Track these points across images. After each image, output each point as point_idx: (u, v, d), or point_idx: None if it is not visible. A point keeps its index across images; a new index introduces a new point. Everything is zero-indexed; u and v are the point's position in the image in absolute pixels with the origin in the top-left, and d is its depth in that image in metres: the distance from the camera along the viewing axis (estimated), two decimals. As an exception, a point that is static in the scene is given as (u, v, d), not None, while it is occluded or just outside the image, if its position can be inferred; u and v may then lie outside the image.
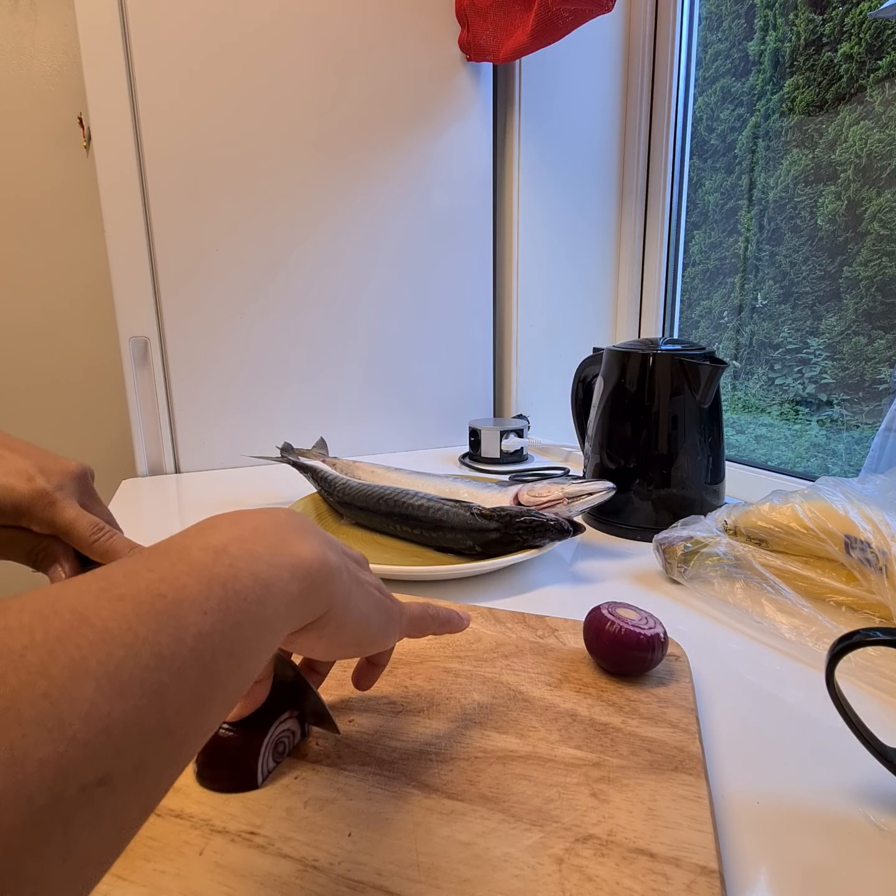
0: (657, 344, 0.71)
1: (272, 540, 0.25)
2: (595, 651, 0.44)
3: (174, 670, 0.19)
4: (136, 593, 0.19)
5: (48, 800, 0.15)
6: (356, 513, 0.73)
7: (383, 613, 0.31)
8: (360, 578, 0.30)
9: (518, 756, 0.36)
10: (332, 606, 0.27)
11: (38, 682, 0.15)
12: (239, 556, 0.23)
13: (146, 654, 0.18)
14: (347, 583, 0.28)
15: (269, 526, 0.26)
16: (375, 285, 1.07)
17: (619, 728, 0.38)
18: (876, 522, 0.50)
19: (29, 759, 0.14)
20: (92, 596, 0.19)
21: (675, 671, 0.44)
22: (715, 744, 0.39)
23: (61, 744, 0.15)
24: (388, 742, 0.37)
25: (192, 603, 0.20)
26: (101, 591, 0.19)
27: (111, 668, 0.17)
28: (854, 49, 0.91)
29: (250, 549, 0.24)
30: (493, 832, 0.30)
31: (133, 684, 0.17)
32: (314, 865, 0.28)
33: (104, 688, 0.17)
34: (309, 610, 0.26)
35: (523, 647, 0.47)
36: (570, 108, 1.12)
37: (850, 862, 0.30)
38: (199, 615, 0.20)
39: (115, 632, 0.18)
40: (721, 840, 0.31)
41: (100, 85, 0.89)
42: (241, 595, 0.22)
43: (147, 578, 0.20)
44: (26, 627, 0.17)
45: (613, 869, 0.28)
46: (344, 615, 0.28)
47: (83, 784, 0.15)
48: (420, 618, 0.35)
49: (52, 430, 1.30)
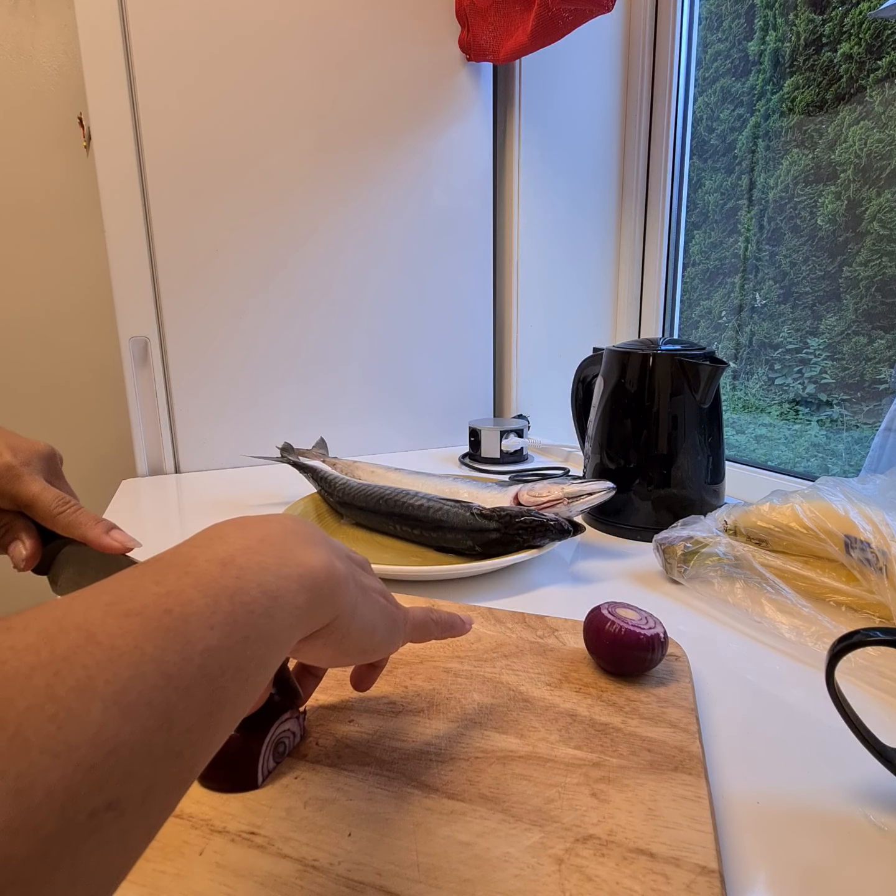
0: (657, 344, 0.71)
1: (280, 550, 0.25)
2: (595, 651, 0.44)
3: (182, 689, 0.18)
4: (142, 609, 0.19)
5: (56, 828, 0.14)
6: (356, 513, 0.73)
7: (388, 620, 0.31)
8: (365, 586, 0.30)
9: (518, 756, 0.36)
10: (339, 616, 0.27)
11: (45, 706, 0.15)
12: (247, 568, 0.23)
13: (154, 672, 0.18)
14: (354, 592, 0.28)
15: (277, 535, 0.26)
16: (375, 285, 1.07)
17: (619, 728, 0.38)
18: (876, 522, 0.50)
19: (37, 787, 0.14)
20: (99, 612, 0.18)
21: (675, 671, 0.44)
22: (715, 744, 0.39)
23: (69, 769, 0.15)
24: (388, 742, 0.37)
25: (199, 618, 0.20)
26: (108, 606, 0.19)
27: (118, 688, 0.17)
28: (854, 49, 0.91)
29: (258, 559, 0.23)
30: (493, 832, 0.30)
31: (141, 705, 0.17)
32: (314, 865, 0.28)
33: (112, 709, 0.16)
34: (316, 620, 0.25)
35: (523, 647, 0.47)
36: (570, 108, 1.12)
37: (850, 862, 0.30)
38: (207, 630, 0.20)
39: (123, 650, 0.17)
40: (721, 840, 0.31)
41: (100, 85, 0.89)
42: (248, 608, 0.21)
43: (154, 592, 0.20)
44: (32, 647, 0.16)
45: (613, 869, 0.28)
46: (350, 624, 0.28)
47: (92, 810, 0.15)
48: (423, 623, 0.35)
49: (52, 429, 1.30)
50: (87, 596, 0.19)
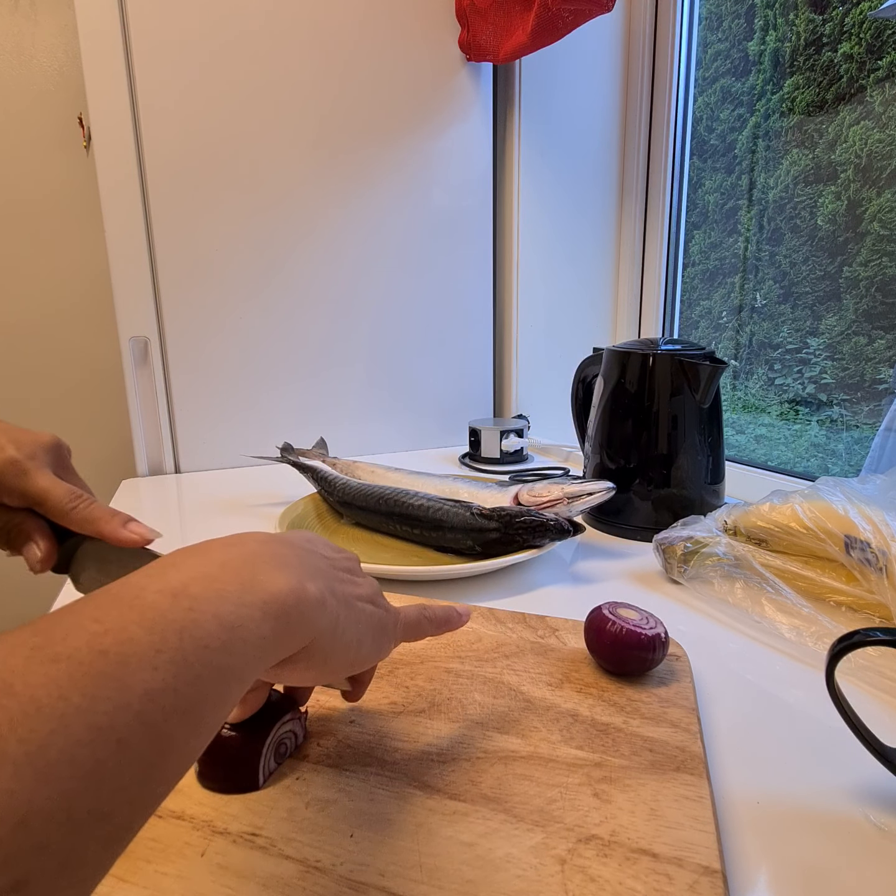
0: (657, 344, 0.71)
1: (243, 575, 0.23)
2: (596, 651, 0.44)
3: (114, 742, 0.16)
4: (73, 652, 0.17)
5: None
6: (356, 513, 0.73)
7: (377, 629, 0.30)
8: (349, 599, 0.28)
9: (520, 756, 0.36)
10: (318, 637, 0.25)
11: None
12: (202, 598, 0.21)
13: (79, 726, 0.16)
14: (333, 609, 0.26)
15: (240, 559, 0.24)
16: (375, 285, 1.07)
17: (621, 728, 0.38)
18: (876, 522, 0.51)
19: None
20: (21, 658, 0.16)
21: (675, 671, 0.44)
22: (715, 743, 0.39)
23: None
24: (390, 743, 0.37)
25: (140, 659, 0.18)
26: (34, 650, 0.17)
27: (33, 748, 0.15)
28: (854, 49, 0.91)
29: (217, 587, 0.22)
30: (495, 833, 0.30)
31: (61, 765, 0.15)
32: (316, 866, 0.28)
33: (24, 772, 0.14)
34: (285, 648, 0.24)
35: (524, 648, 0.47)
36: (570, 108, 1.12)
37: (850, 862, 0.30)
38: (149, 672, 0.18)
39: (43, 701, 0.15)
40: (722, 840, 0.31)
41: (100, 85, 0.89)
42: (201, 643, 0.20)
43: (90, 632, 0.18)
44: None
45: (616, 869, 0.28)
46: (332, 643, 0.26)
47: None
48: (416, 623, 0.34)
49: (52, 429, 1.29)
50: (14, 638, 0.17)
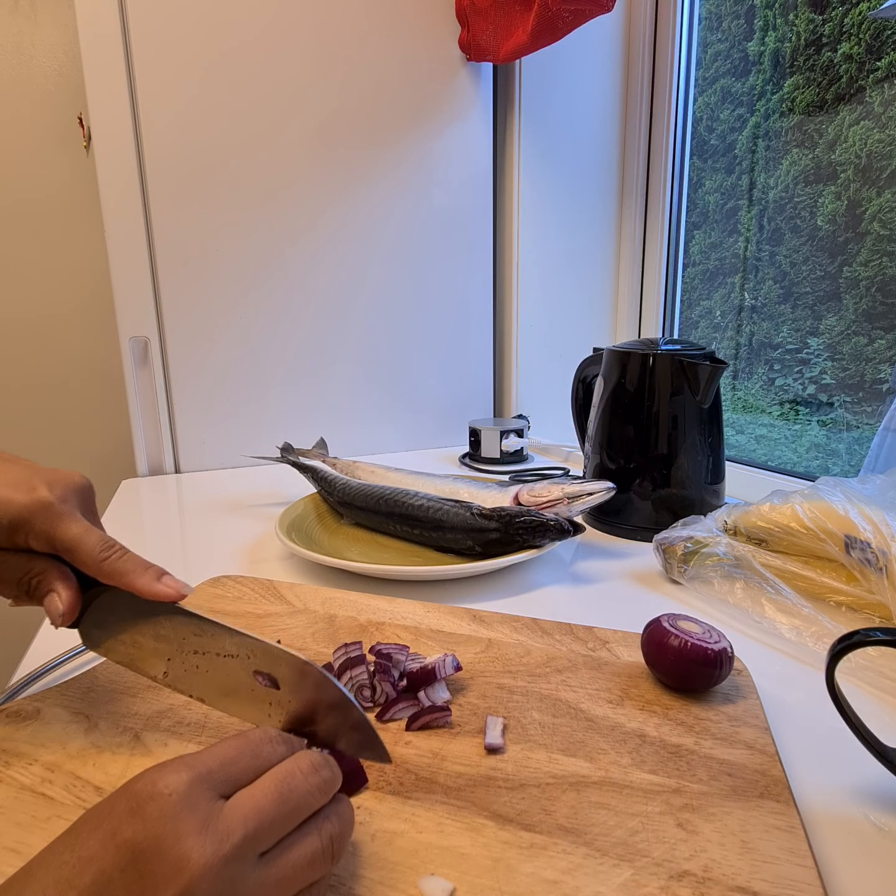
0: (657, 344, 0.71)
1: None
2: (656, 666, 0.42)
3: None
4: None
5: None
6: (356, 513, 0.73)
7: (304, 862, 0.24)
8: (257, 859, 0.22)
9: (591, 782, 0.33)
10: None
11: None
12: None
13: None
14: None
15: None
16: (375, 285, 1.07)
17: (693, 750, 0.36)
18: (876, 522, 0.50)
19: None
20: None
21: (740, 687, 0.41)
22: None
23: None
24: (451, 767, 0.34)
25: None
26: None
27: None
28: (854, 49, 0.91)
29: None
30: (579, 868, 0.28)
31: None
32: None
33: None
34: None
35: (576, 661, 0.44)
36: (570, 108, 1.12)
37: (851, 862, 0.30)
38: None
39: None
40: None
41: (100, 85, 0.89)
42: None
43: None
44: None
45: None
46: None
47: None
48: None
49: (52, 430, 1.30)
50: None
